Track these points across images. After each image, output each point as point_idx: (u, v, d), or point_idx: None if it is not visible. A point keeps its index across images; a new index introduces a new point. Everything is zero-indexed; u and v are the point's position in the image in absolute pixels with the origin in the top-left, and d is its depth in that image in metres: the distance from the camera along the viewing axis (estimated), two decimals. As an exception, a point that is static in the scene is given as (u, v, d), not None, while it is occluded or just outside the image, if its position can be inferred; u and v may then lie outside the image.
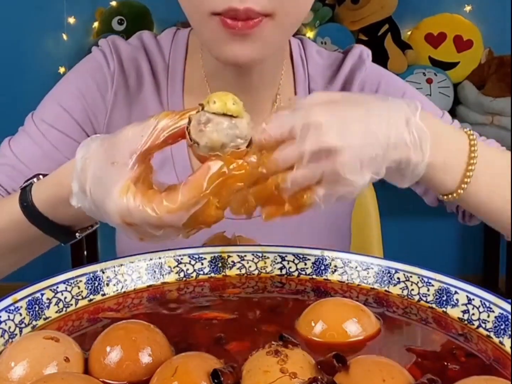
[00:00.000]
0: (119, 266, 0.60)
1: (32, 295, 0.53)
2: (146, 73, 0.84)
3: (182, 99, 0.84)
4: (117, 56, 0.83)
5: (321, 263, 0.63)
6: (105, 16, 2.38)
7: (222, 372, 0.41)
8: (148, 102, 0.83)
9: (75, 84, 0.83)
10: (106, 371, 0.44)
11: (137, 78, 0.84)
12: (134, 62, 0.84)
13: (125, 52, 0.84)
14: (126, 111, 0.83)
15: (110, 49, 0.83)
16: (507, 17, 2.34)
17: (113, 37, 0.86)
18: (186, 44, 0.86)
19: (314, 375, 0.41)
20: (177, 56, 0.85)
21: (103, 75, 0.82)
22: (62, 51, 2.42)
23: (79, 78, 0.83)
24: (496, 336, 0.51)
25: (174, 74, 0.84)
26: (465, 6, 2.47)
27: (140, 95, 0.84)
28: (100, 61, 0.83)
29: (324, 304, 0.54)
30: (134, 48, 0.85)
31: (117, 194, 0.51)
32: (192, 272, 0.63)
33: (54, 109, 0.82)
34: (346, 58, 0.86)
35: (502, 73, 2.30)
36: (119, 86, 0.83)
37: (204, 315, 0.55)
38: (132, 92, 0.83)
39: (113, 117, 0.83)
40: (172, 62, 0.85)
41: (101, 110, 0.82)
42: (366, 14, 2.33)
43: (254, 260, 0.64)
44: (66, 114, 0.81)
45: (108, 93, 0.82)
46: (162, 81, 0.84)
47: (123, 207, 0.51)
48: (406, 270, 0.60)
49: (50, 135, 0.80)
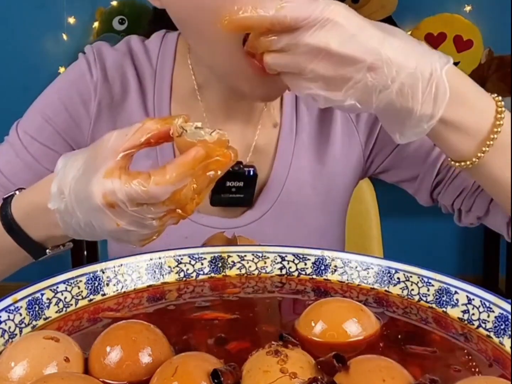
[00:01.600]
0: (119, 266, 0.60)
1: (32, 295, 0.53)
2: (131, 80, 0.82)
3: (169, 107, 0.83)
4: (101, 64, 0.82)
5: (321, 263, 0.63)
6: (106, 15, 2.38)
7: (222, 372, 0.41)
8: (133, 111, 0.82)
9: (58, 95, 0.82)
10: (106, 371, 0.44)
11: (122, 86, 0.82)
12: (119, 69, 0.82)
13: (110, 59, 0.82)
14: (110, 121, 0.82)
15: (94, 57, 0.82)
16: (507, 17, 2.34)
17: (99, 44, 0.84)
18: (174, 48, 0.84)
19: (314, 375, 0.41)
20: (165, 61, 0.83)
21: (86, 86, 0.81)
22: (62, 51, 2.42)
23: (62, 90, 0.82)
24: (496, 336, 0.51)
25: (162, 80, 0.83)
26: (465, 6, 2.47)
27: (125, 104, 0.82)
28: (83, 71, 0.82)
29: (324, 304, 0.54)
30: (120, 54, 0.83)
31: (102, 175, 0.51)
32: (192, 272, 0.63)
33: (37, 121, 0.82)
34: None
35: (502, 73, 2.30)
36: (102, 96, 0.81)
37: (204, 315, 0.55)
38: (116, 101, 0.82)
39: (97, 127, 0.82)
40: (159, 68, 0.83)
41: (84, 121, 0.82)
42: (366, 14, 2.32)
43: (254, 260, 0.64)
44: (49, 126, 0.81)
45: (92, 103, 0.81)
46: (149, 88, 0.83)
47: (107, 186, 0.51)
48: (406, 270, 0.60)
49: (32, 148, 0.80)
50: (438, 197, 0.83)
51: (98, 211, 0.52)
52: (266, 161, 0.85)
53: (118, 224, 0.53)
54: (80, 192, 0.54)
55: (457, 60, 2.40)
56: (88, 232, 0.57)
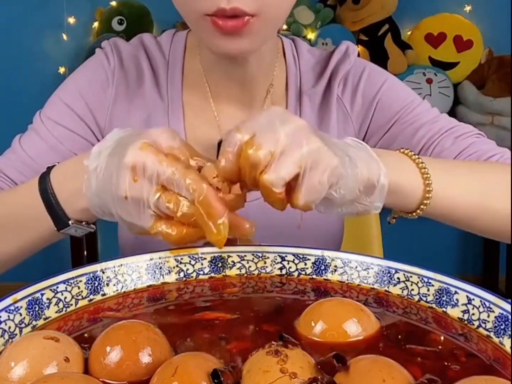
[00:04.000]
0: (119, 266, 0.60)
1: (32, 295, 0.53)
2: (146, 69, 0.88)
3: (181, 92, 0.88)
4: (118, 54, 0.88)
5: (321, 263, 0.63)
6: (105, 16, 2.38)
7: (222, 372, 0.41)
8: (148, 96, 0.88)
9: (78, 82, 0.88)
10: (106, 371, 0.44)
11: (137, 74, 0.88)
12: (134, 59, 0.88)
13: (125, 50, 0.89)
14: (126, 105, 0.88)
15: (111, 48, 0.88)
16: (507, 17, 2.34)
17: (114, 38, 0.91)
18: (184, 43, 0.90)
19: (314, 375, 0.41)
20: (176, 53, 0.89)
21: (104, 72, 0.87)
22: (62, 51, 2.42)
23: (81, 77, 0.89)
24: (496, 336, 0.51)
25: (174, 69, 0.89)
26: (465, 6, 2.47)
27: (140, 90, 0.88)
28: (101, 59, 0.88)
29: (324, 304, 0.54)
30: (134, 47, 0.90)
31: (139, 145, 0.55)
32: (192, 272, 0.63)
33: (58, 107, 0.87)
34: (333, 53, 0.90)
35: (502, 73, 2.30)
36: (119, 82, 0.87)
37: (205, 315, 0.55)
38: (132, 87, 0.88)
39: (115, 111, 0.87)
40: (171, 59, 0.89)
41: (103, 105, 0.87)
42: (366, 14, 2.33)
43: (254, 260, 0.64)
44: (70, 111, 0.86)
45: (109, 88, 0.87)
46: (162, 76, 0.88)
47: (142, 155, 0.55)
48: (406, 270, 0.60)
49: (56, 131, 0.85)
50: None
51: (121, 169, 0.55)
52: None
53: (126, 197, 0.56)
54: (115, 151, 0.58)
55: (457, 60, 2.41)
56: (103, 200, 0.59)
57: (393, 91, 0.88)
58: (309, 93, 0.89)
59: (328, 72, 0.89)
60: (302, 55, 0.91)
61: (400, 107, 0.86)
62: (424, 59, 2.40)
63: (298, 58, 0.91)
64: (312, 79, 0.90)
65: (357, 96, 0.88)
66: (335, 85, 0.88)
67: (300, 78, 0.90)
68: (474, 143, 0.82)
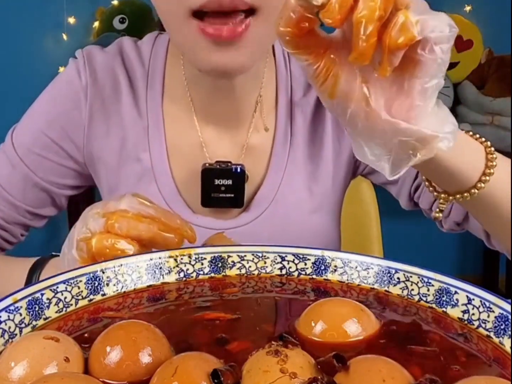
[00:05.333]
0: (119, 266, 0.60)
1: (32, 295, 0.53)
2: (122, 82, 0.83)
3: (161, 107, 0.83)
4: (90, 68, 0.82)
5: (321, 263, 0.63)
6: (106, 15, 2.38)
7: (222, 372, 0.41)
8: (125, 114, 0.83)
9: (50, 104, 0.83)
10: (106, 371, 0.44)
11: (113, 88, 0.83)
12: (110, 71, 0.83)
13: (100, 62, 0.83)
14: (103, 124, 0.83)
15: (84, 61, 0.82)
16: (507, 17, 2.34)
17: (89, 47, 0.85)
18: (166, 49, 0.84)
19: (314, 375, 0.41)
20: (157, 61, 0.83)
21: (76, 91, 0.82)
22: (62, 51, 2.42)
23: (52, 100, 0.84)
24: (496, 336, 0.51)
25: (153, 80, 0.83)
26: (465, 6, 2.47)
27: (117, 105, 0.83)
28: (72, 76, 0.83)
29: (324, 304, 0.54)
30: (111, 56, 0.84)
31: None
32: (192, 272, 0.63)
33: (31, 132, 0.83)
34: None
35: (502, 73, 2.30)
36: (93, 99, 0.82)
37: (205, 315, 0.55)
38: (108, 102, 0.83)
39: (92, 130, 0.83)
40: (151, 69, 0.83)
41: (78, 125, 0.83)
42: (366, 14, 2.33)
43: (254, 260, 0.64)
44: (43, 136, 0.82)
45: (83, 107, 0.82)
46: (141, 88, 0.83)
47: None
48: (406, 270, 0.60)
49: (28, 159, 0.82)
50: (419, 201, 0.85)
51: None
52: (261, 164, 0.85)
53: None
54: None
55: (457, 60, 2.40)
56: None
57: None
58: (301, 103, 0.85)
59: None
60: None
61: None
62: (424, 59, 2.40)
63: (289, 58, 0.87)
64: (304, 83, 0.87)
65: None
66: None
67: (291, 83, 0.86)
68: None
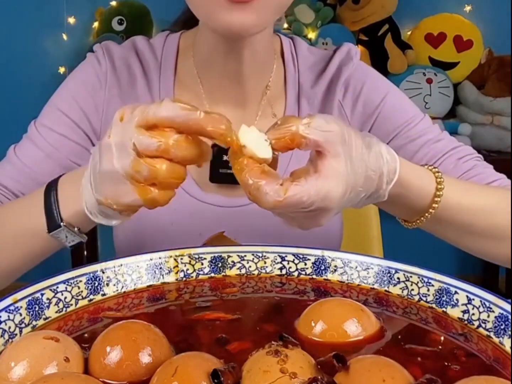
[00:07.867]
0: (119, 266, 0.60)
1: (32, 295, 0.53)
2: (137, 71, 0.88)
3: (173, 94, 0.88)
4: (109, 57, 0.88)
5: (321, 263, 0.63)
6: (105, 16, 2.38)
7: (222, 372, 0.41)
8: (140, 99, 0.87)
9: (70, 87, 0.88)
10: (106, 371, 0.44)
11: (129, 76, 0.88)
12: (126, 62, 0.88)
13: (117, 53, 0.88)
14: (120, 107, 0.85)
15: (102, 52, 0.88)
16: (507, 17, 2.34)
17: (106, 42, 0.91)
18: (177, 45, 0.90)
19: (314, 375, 0.41)
20: (169, 55, 0.89)
21: (96, 75, 0.87)
22: (62, 51, 2.42)
23: (74, 82, 0.88)
24: (496, 336, 0.51)
25: (166, 71, 0.88)
26: (465, 6, 2.47)
27: (133, 92, 0.87)
28: (92, 63, 0.88)
29: (324, 304, 0.54)
30: (126, 49, 0.89)
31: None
32: (192, 272, 0.63)
33: (53, 114, 0.86)
34: (334, 54, 0.89)
35: (502, 73, 2.30)
36: (112, 84, 0.87)
37: (205, 315, 0.55)
38: (124, 89, 0.87)
39: (109, 114, 0.86)
40: (164, 61, 0.89)
41: (97, 108, 0.87)
42: (366, 14, 2.33)
43: (254, 260, 0.64)
44: (65, 117, 0.86)
45: (102, 91, 0.87)
46: (154, 78, 0.88)
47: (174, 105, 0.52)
48: (406, 270, 0.60)
49: (51, 138, 0.85)
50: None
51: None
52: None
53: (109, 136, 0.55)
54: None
55: (457, 60, 2.40)
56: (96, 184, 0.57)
57: (396, 104, 0.87)
58: (308, 95, 0.88)
59: (328, 74, 0.88)
60: (301, 54, 0.90)
61: (402, 121, 0.85)
62: (424, 59, 2.39)
63: (297, 57, 0.90)
64: (311, 78, 0.89)
65: (358, 103, 0.87)
66: (337, 89, 0.87)
67: (299, 78, 0.89)
68: (476, 166, 0.82)
